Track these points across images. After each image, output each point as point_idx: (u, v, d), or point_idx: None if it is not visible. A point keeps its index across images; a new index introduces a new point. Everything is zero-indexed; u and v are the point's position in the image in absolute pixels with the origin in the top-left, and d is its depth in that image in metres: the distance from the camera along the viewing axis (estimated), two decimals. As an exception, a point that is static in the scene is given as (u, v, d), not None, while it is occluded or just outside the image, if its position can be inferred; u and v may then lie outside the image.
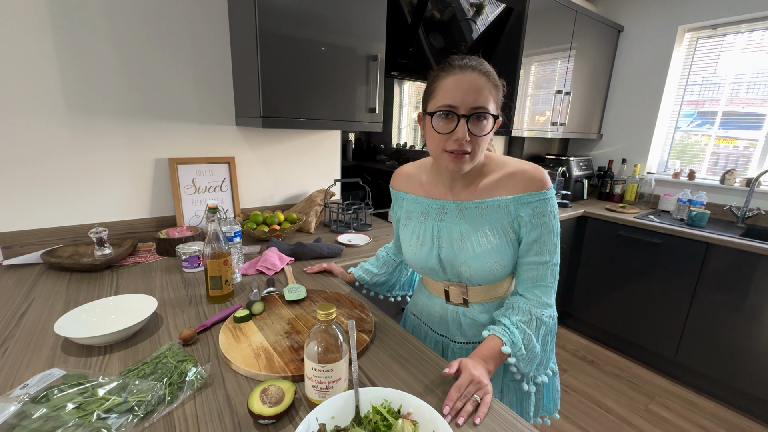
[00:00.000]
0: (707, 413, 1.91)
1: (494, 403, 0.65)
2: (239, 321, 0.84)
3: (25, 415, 0.55)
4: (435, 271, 0.86)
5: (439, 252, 0.83)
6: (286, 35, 1.24)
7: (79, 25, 1.19)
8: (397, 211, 0.97)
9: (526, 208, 0.75)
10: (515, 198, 0.75)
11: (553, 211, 0.75)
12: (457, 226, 0.81)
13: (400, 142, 2.20)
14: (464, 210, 0.80)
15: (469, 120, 0.70)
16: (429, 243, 0.84)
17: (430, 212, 0.85)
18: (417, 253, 0.86)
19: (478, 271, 0.79)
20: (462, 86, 0.69)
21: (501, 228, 0.77)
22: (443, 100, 0.71)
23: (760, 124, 2.25)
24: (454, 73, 0.70)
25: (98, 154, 1.30)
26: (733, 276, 1.86)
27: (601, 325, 2.44)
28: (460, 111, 0.70)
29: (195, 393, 0.64)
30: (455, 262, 0.81)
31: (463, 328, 0.88)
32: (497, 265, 0.77)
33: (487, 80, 0.70)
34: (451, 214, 0.82)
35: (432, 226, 0.84)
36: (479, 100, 0.69)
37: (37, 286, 1.02)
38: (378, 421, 0.54)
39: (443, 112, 0.71)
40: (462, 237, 0.79)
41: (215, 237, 0.92)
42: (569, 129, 2.57)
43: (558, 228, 0.77)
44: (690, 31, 2.46)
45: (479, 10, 1.91)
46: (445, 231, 0.82)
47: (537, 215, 0.75)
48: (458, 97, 0.69)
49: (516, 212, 0.76)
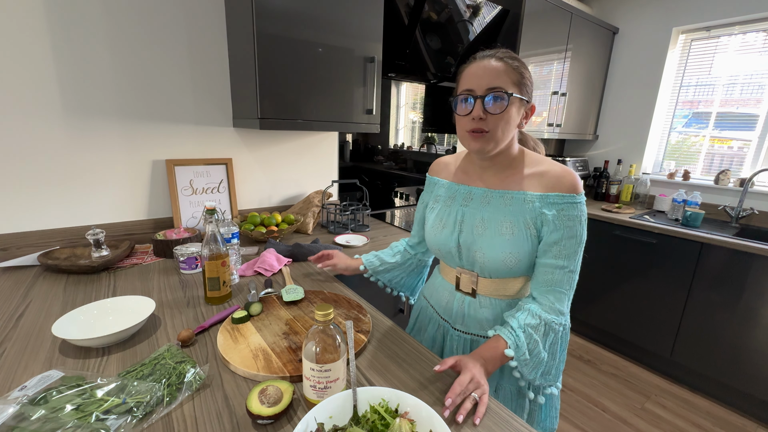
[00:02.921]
0: (702, 411, 1.93)
1: (492, 402, 0.66)
2: (237, 322, 0.84)
3: (24, 416, 0.55)
4: (451, 255, 0.88)
5: (459, 236, 0.85)
6: (283, 37, 1.24)
7: (76, 27, 1.19)
8: (425, 196, 1.00)
9: (552, 207, 0.75)
10: (542, 195, 0.77)
11: (580, 217, 0.75)
12: (480, 212, 0.83)
13: (397, 143, 2.21)
14: (489, 198, 0.82)
15: (485, 100, 0.73)
16: (451, 226, 0.86)
17: (456, 197, 0.88)
18: (438, 234, 0.88)
19: (492, 259, 0.80)
20: (478, 71, 0.74)
21: (523, 221, 0.77)
22: (464, 85, 0.76)
23: (754, 124, 2.28)
24: (473, 63, 0.76)
25: (95, 155, 1.30)
26: (728, 275, 1.87)
27: (598, 324, 2.46)
28: (477, 92, 0.74)
29: (193, 394, 0.64)
30: (472, 248, 0.82)
31: (465, 319, 0.89)
32: (511, 257, 0.78)
33: (505, 65, 0.73)
34: (476, 201, 0.84)
35: (457, 210, 0.86)
36: (494, 82, 0.73)
37: (34, 288, 1.02)
38: (376, 420, 0.54)
39: (463, 97, 0.76)
40: (483, 223, 0.81)
41: (213, 238, 0.92)
42: (565, 130, 2.59)
43: (583, 236, 0.76)
44: (684, 33, 2.48)
45: (476, 11, 1.92)
46: (468, 216, 0.84)
47: (562, 217, 0.75)
48: (475, 81, 0.74)
49: (541, 209, 0.76)
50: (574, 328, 2.64)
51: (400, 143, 2.22)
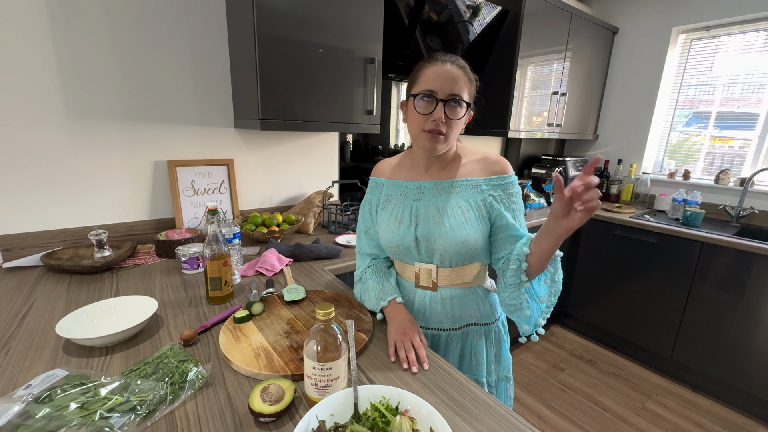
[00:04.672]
0: (703, 410, 1.93)
1: (487, 398, 0.66)
2: (239, 321, 0.85)
3: (29, 414, 0.55)
4: (409, 251, 0.89)
5: (416, 229, 0.87)
6: (284, 38, 1.25)
7: (78, 29, 1.20)
8: (371, 199, 0.98)
9: (497, 189, 0.86)
10: (487, 179, 0.86)
11: (518, 192, 0.87)
12: (434, 203, 0.87)
13: (398, 143, 2.21)
14: (440, 188, 0.88)
15: (446, 105, 0.79)
16: (407, 221, 0.88)
17: (408, 193, 0.91)
18: (395, 231, 0.89)
19: (453, 243, 0.84)
20: (441, 75, 0.79)
21: (474, 204, 0.85)
22: (425, 85, 0.80)
23: (754, 124, 2.28)
24: (436, 64, 0.80)
25: (97, 156, 1.31)
26: (728, 275, 1.88)
27: (599, 324, 2.46)
28: (439, 95, 0.79)
29: (196, 392, 0.65)
30: (431, 238, 0.86)
31: (426, 314, 0.92)
32: (470, 237, 0.83)
33: (464, 73, 0.80)
34: (428, 193, 0.89)
35: (411, 205, 0.90)
36: (455, 89, 0.79)
37: (38, 289, 1.03)
38: (376, 417, 0.55)
39: (424, 95, 0.80)
40: (438, 212, 0.86)
41: (214, 238, 0.93)
42: (565, 130, 2.59)
43: (523, 208, 0.88)
44: (684, 33, 2.48)
45: (476, 12, 1.93)
46: (422, 209, 0.88)
47: (507, 195, 0.85)
48: (438, 84, 0.78)
49: (488, 191, 0.85)
50: (575, 328, 2.65)
51: (400, 143, 2.22)
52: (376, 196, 0.98)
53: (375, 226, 0.97)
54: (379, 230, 0.94)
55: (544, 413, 1.87)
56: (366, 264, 1.00)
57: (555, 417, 1.85)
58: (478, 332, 0.93)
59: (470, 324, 0.93)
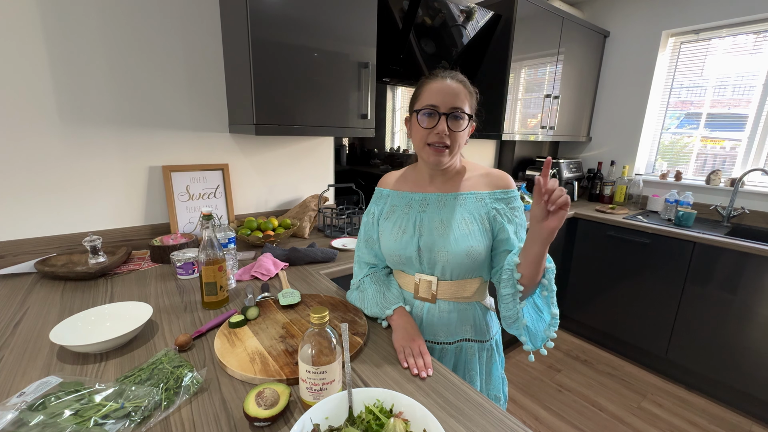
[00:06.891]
0: (698, 409, 1.95)
1: (481, 400, 0.67)
2: (234, 326, 0.85)
3: (23, 422, 0.55)
4: (411, 261, 0.90)
5: (419, 239, 0.88)
6: (278, 42, 1.26)
7: (71, 35, 1.20)
8: (374, 209, 0.99)
9: (500, 202, 0.88)
10: (491, 193, 0.88)
11: (521, 207, 0.90)
12: (438, 214, 0.88)
13: (393, 146, 2.22)
14: (445, 201, 0.89)
15: (449, 118, 0.81)
16: (411, 231, 0.89)
17: (413, 204, 0.92)
18: (398, 240, 0.90)
19: (455, 255, 0.84)
20: (443, 90, 0.82)
21: (478, 216, 0.87)
22: (427, 100, 0.83)
23: (744, 125, 2.31)
24: (437, 80, 0.83)
25: (92, 162, 1.31)
26: (720, 274, 1.90)
27: (593, 324, 2.47)
28: (441, 110, 0.81)
29: (191, 398, 0.65)
30: (434, 248, 0.86)
31: (422, 325, 0.91)
32: (473, 250, 0.84)
33: (464, 87, 0.83)
34: (432, 205, 0.90)
35: (415, 216, 0.91)
36: (457, 102, 0.81)
37: (31, 295, 1.03)
38: (371, 420, 0.55)
39: (427, 111, 0.82)
40: (442, 224, 0.87)
41: (210, 243, 0.93)
42: (559, 132, 2.61)
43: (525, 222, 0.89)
44: (673, 36, 2.52)
45: (469, 16, 1.95)
46: (426, 220, 0.89)
47: (510, 209, 0.87)
48: (440, 99, 0.81)
49: (491, 204, 0.87)
50: (570, 329, 2.66)
51: (396, 146, 2.23)
52: (380, 206, 0.99)
53: (376, 235, 0.97)
54: (382, 239, 0.94)
55: (541, 414, 1.88)
56: (364, 273, 1.00)
57: (551, 418, 1.86)
58: (471, 348, 0.92)
59: (464, 339, 0.92)
